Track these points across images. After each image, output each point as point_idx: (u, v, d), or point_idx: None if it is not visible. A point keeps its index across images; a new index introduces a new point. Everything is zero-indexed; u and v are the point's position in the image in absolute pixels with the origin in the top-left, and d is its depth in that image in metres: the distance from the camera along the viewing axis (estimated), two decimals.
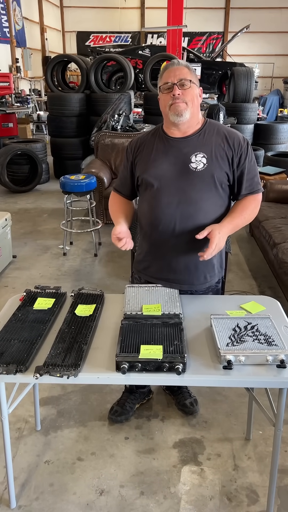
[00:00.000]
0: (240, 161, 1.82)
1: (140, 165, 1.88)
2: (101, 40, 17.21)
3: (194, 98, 1.78)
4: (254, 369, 1.45)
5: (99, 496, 1.85)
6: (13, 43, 12.07)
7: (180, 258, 1.87)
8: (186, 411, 2.27)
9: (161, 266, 1.92)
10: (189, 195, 1.79)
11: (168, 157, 1.82)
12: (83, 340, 1.55)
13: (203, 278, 1.93)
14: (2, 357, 1.47)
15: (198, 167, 1.78)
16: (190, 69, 1.78)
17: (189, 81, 1.75)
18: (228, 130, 1.87)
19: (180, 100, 1.74)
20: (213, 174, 1.79)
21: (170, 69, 1.77)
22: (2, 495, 1.85)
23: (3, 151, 6.32)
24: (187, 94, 1.75)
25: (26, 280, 3.78)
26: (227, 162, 1.80)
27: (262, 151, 6.89)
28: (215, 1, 16.32)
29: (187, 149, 1.80)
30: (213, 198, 1.82)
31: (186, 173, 1.79)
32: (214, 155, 1.79)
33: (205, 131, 1.83)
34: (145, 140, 1.91)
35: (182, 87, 1.74)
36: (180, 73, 1.75)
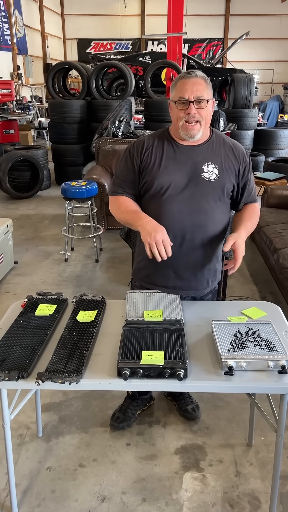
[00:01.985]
0: (245, 173, 1.88)
1: (149, 170, 1.82)
2: (101, 47, 17.31)
3: (208, 116, 1.76)
4: (256, 375, 1.45)
5: (100, 503, 1.85)
6: (14, 51, 12.16)
7: (188, 266, 1.88)
8: (188, 417, 2.27)
9: (167, 273, 1.90)
10: (200, 204, 1.80)
11: (179, 165, 1.80)
12: (84, 346, 1.56)
13: (206, 283, 1.96)
14: (4, 363, 1.47)
15: (211, 178, 1.80)
16: (207, 82, 1.74)
17: (206, 101, 1.71)
18: (232, 142, 1.91)
19: (194, 119, 1.72)
20: (224, 185, 1.81)
21: (187, 81, 1.70)
22: (4, 502, 1.85)
23: (4, 158, 6.35)
24: (202, 112, 1.72)
25: (28, 286, 3.79)
26: (234, 174, 1.84)
27: (263, 157, 6.92)
28: (215, 8, 16.43)
29: (199, 158, 1.80)
30: (221, 208, 1.85)
31: (199, 182, 1.79)
32: (224, 166, 1.82)
33: (213, 141, 1.84)
34: (152, 144, 1.84)
35: (198, 105, 1.70)
36: (197, 90, 1.69)
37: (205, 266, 1.90)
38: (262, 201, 4.79)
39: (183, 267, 1.88)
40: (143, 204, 1.90)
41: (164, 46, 14.99)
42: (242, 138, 7.67)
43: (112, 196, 1.92)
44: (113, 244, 4.64)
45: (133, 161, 1.85)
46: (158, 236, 1.68)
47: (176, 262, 1.86)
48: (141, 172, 1.85)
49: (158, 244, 1.67)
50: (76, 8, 16.68)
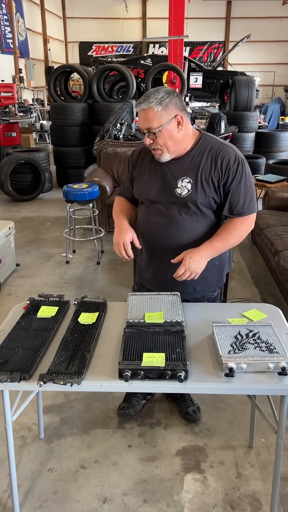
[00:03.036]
0: (227, 183, 1.79)
1: (136, 182, 1.99)
2: (103, 50, 17.36)
3: (167, 141, 1.75)
4: (256, 376, 1.46)
5: (102, 504, 1.85)
6: (16, 54, 12.20)
7: (168, 270, 1.91)
8: (189, 419, 2.28)
9: (154, 274, 2.03)
10: (173, 218, 1.86)
11: (157, 179, 1.89)
12: (86, 348, 1.57)
13: (192, 289, 1.98)
14: (6, 365, 1.48)
15: (182, 193, 1.82)
16: (157, 108, 1.69)
17: (154, 132, 1.72)
18: (221, 148, 1.81)
19: (153, 147, 1.79)
20: (196, 201, 1.82)
21: (139, 111, 1.75)
22: (6, 503, 1.86)
23: (6, 160, 6.38)
24: (158, 141, 1.76)
25: (29, 288, 3.80)
26: (212, 186, 1.80)
27: (264, 159, 6.93)
28: (216, 11, 16.47)
29: (175, 172, 1.84)
30: (197, 221, 1.86)
31: (172, 197, 1.85)
32: (200, 180, 1.80)
33: (196, 151, 1.82)
34: (144, 156, 1.97)
35: (152, 135, 1.75)
36: (146, 120, 1.72)
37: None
38: (263, 203, 4.80)
39: (164, 271, 1.95)
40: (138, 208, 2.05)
41: (166, 49, 15.02)
42: (243, 141, 7.68)
43: (116, 197, 2.16)
44: None
45: (129, 169, 2.04)
46: (119, 239, 1.88)
47: (159, 267, 1.98)
48: (133, 180, 2.03)
49: (118, 246, 1.88)
50: (77, 11, 16.73)
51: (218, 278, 2.05)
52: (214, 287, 2.06)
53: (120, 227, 1.93)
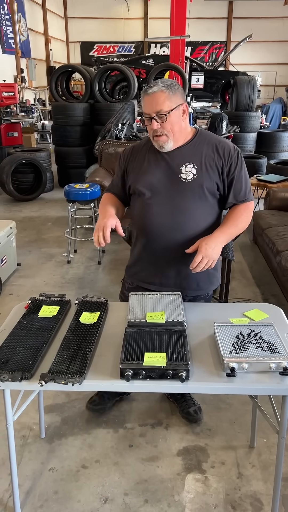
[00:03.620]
0: (230, 171, 1.86)
1: (132, 174, 1.94)
2: (104, 50, 17.37)
3: (174, 125, 1.79)
4: (257, 376, 1.45)
5: (103, 504, 1.85)
6: (18, 54, 12.20)
7: (172, 264, 1.92)
8: (190, 419, 2.27)
9: (153, 271, 1.97)
10: (179, 205, 1.84)
11: (159, 167, 1.87)
12: (87, 348, 1.57)
13: (195, 285, 1.97)
14: (8, 364, 1.48)
15: (188, 178, 1.83)
16: (168, 93, 1.74)
17: (165, 114, 1.74)
18: (219, 140, 1.90)
19: (159, 133, 1.78)
20: (202, 185, 1.83)
21: (147, 96, 1.76)
22: (7, 503, 1.86)
23: (8, 160, 6.38)
24: (166, 126, 1.77)
25: (31, 288, 3.80)
26: (217, 172, 1.84)
27: (265, 159, 6.92)
28: (218, 11, 16.47)
29: (178, 159, 1.84)
30: (203, 207, 1.86)
31: (177, 183, 1.83)
32: (204, 165, 1.83)
33: (196, 142, 1.87)
34: (138, 150, 1.96)
35: (160, 119, 1.76)
36: (157, 104, 1.73)
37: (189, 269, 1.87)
38: (265, 203, 4.80)
39: (167, 265, 1.93)
40: (131, 206, 2.02)
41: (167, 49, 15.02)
42: (245, 141, 7.67)
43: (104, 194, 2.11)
44: (116, 246, 4.65)
45: (120, 165, 2.01)
46: (101, 222, 1.83)
47: (162, 262, 1.93)
48: (126, 176, 1.99)
49: (98, 230, 1.82)
50: (79, 11, 16.74)
51: (218, 276, 2.05)
52: (214, 285, 2.06)
53: (104, 214, 1.89)
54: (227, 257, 3.03)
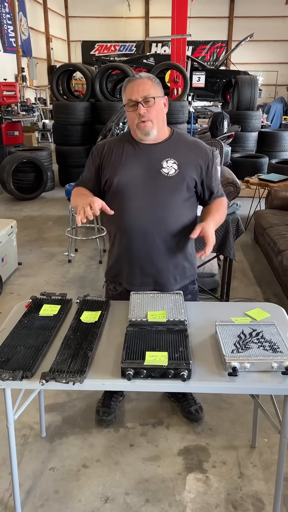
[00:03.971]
0: (208, 170, 1.90)
1: (110, 168, 1.88)
2: (106, 49, 17.36)
3: (159, 113, 1.80)
4: (259, 376, 1.45)
5: (104, 504, 1.85)
6: (19, 53, 12.19)
7: (153, 261, 1.90)
8: (191, 418, 2.27)
9: (133, 270, 1.94)
10: (161, 199, 1.83)
11: (139, 161, 1.85)
12: (88, 347, 1.56)
13: (173, 279, 1.97)
14: (8, 363, 1.48)
15: (170, 172, 1.83)
16: (153, 81, 1.78)
17: (153, 98, 1.75)
18: (195, 140, 1.95)
19: (145, 119, 1.76)
20: (184, 179, 1.84)
21: (133, 83, 1.76)
22: (7, 502, 1.85)
23: (9, 159, 6.37)
24: (152, 111, 1.77)
25: (31, 287, 3.79)
26: (196, 170, 1.87)
27: (266, 159, 6.91)
28: (219, 10, 16.45)
29: (158, 154, 1.84)
30: (183, 202, 1.87)
31: (158, 178, 1.82)
32: (184, 161, 1.84)
33: (174, 139, 1.88)
34: (113, 145, 1.91)
35: (146, 104, 1.75)
36: (144, 89, 1.74)
37: (170, 262, 1.91)
38: (266, 202, 4.79)
39: (149, 264, 1.91)
40: (107, 201, 1.90)
41: (168, 48, 15.02)
42: (246, 140, 7.66)
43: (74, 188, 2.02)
44: None
45: (94, 160, 1.94)
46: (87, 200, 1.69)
47: (141, 258, 1.90)
48: (101, 171, 1.92)
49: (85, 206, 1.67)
50: (80, 10, 16.73)
51: (192, 264, 2.05)
52: (190, 277, 2.05)
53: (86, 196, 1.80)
54: (228, 256, 3.03)
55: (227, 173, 5.01)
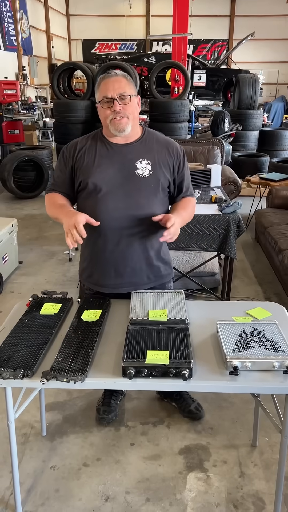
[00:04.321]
0: (179, 169, 1.90)
1: (83, 170, 1.84)
2: (106, 47, 17.34)
3: (134, 111, 1.79)
4: (261, 375, 1.44)
5: (104, 502, 1.85)
6: (20, 51, 12.17)
7: (127, 262, 1.89)
8: (193, 417, 2.27)
9: (107, 272, 1.92)
10: (136, 200, 1.82)
11: (112, 162, 1.83)
12: (89, 345, 1.56)
13: (146, 278, 1.96)
14: (9, 362, 1.48)
15: (144, 174, 1.82)
16: (128, 79, 1.77)
17: (129, 96, 1.74)
18: (166, 138, 1.94)
19: (121, 115, 1.75)
20: (158, 180, 1.84)
21: (108, 80, 1.74)
22: (8, 501, 1.85)
23: (9, 158, 6.37)
24: (128, 108, 1.75)
25: (32, 285, 3.79)
26: (168, 169, 1.87)
27: (267, 158, 6.90)
28: (220, 9, 16.42)
29: (132, 155, 1.83)
30: (158, 203, 1.87)
31: (133, 179, 1.81)
32: (157, 162, 1.84)
33: (146, 138, 1.88)
34: (85, 145, 1.87)
35: (122, 101, 1.74)
36: (119, 87, 1.73)
37: (144, 261, 1.91)
38: (267, 201, 4.79)
39: (123, 264, 1.90)
40: (80, 203, 1.92)
41: (169, 46, 15.00)
42: (247, 139, 7.66)
43: (46, 194, 1.98)
44: None
45: (66, 162, 1.89)
46: (71, 222, 1.68)
47: (116, 259, 1.89)
48: (74, 173, 1.88)
49: (71, 229, 1.66)
50: (81, 8, 16.71)
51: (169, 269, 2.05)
52: (166, 278, 2.05)
53: (69, 213, 1.75)
54: (229, 255, 3.02)
55: (228, 172, 5.01)
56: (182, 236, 2.96)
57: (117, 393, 2.33)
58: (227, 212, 2.99)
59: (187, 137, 7.39)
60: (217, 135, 6.06)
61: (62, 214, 1.79)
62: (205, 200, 3.31)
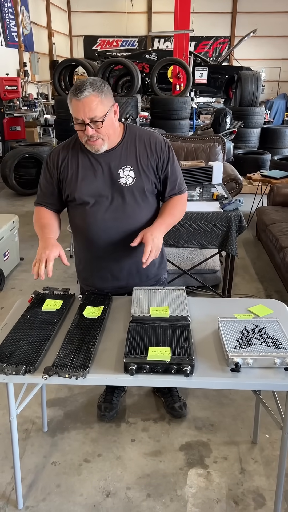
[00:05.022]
0: (163, 165, 1.84)
1: (69, 183, 1.82)
2: (108, 44, 17.29)
3: (109, 128, 1.71)
4: (262, 372, 1.45)
5: (105, 498, 1.85)
6: (21, 48, 12.15)
7: (123, 266, 1.91)
8: (174, 414, 2.28)
9: (103, 276, 1.95)
10: (123, 210, 1.82)
11: (96, 173, 1.80)
12: (91, 342, 1.56)
13: (145, 278, 1.98)
14: (11, 358, 1.48)
15: (127, 182, 1.80)
16: (99, 96, 1.62)
17: (101, 121, 1.64)
18: (148, 134, 1.86)
19: (95, 138, 1.69)
20: (142, 187, 1.82)
21: (78, 102, 1.62)
22: (9, 496, 1.86)
23: (10, 155, 6.36)
24: (101, 131, 1.68)
25: (33, 282, 3.79)
26: (152, 172, 1.83)
27: (269, 155, 6.89)
28: (222, 6, 16.36)
29: (114, 163, 1.79)
30: (145, 208, 1.86)
31: (117, 188, 1.80)
32: (140, 166, 1.80)
33: (127, 141, 1.81)
34: (67, 155, 1.83)
35: (94, 124, 1.65)
36: (90, 110, 1.62)
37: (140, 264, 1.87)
38: (268, 199, 4.78)
39: (118, 268, 1.91)
40: (71, 214, 1.92)
41: (171, 43, 14.95)
42: (249, 136, 7.64)
43: (35, 207, 1.95)
44: None
45: (51, 173, 1.85)
46: (43, 253, 1.68)
47: (111, 265, 1.91)
48: (61, 184, 1.85)
49: (41, 262, 1.66)
50: (82, 5, 16.66)
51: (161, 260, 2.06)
52: (162, 273, 2.07)
53: (46, 242, 1.75)
54: (230, 252, 3.02)
55: (230, 169, 5.01)
56: (183, 233, 2.96)
57: (119, 390, 2.34)
58: (228, 209, 2.99)
59: (188, 134, 7.38)
60: (219, 133, 6.05)
61: (40, 238, 1.79)
62: (207, 197, 3.31)
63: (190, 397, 2.41)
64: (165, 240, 3.00)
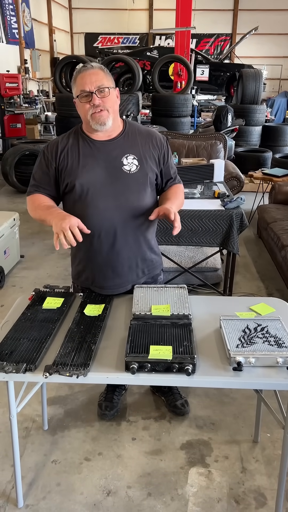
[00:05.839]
0: (165, 159, 1.89)
1: (68, 171, 1.78)
2: (109, 41, 17.23)
3: (114, 104, 1.75)
4: (264, 371, 1.44)
5: (106, 497, 1.85)
6: (22, 44, 12.11)
7: (124, 260, 1.88)
8: (177, 412, 2.27)
9: (106, 273, 1.88)
10: (126, 197, 1.79)
11: (98, 161, 1.78)
12: (92, 340, 1.55)
13: (141, 273, 1.96)
14: (12, 356, 1.47)
15: (131, 169, 1.79)
16: (105, 72, 1.73)
17: (107, 88, 1.70)
18: (147, 129, 1.92)
19: (101, 108, 1.70)
20: (147, 175, 1.82)
21: (85, 73, 1.69)
22: (9, 494, 1.85)
23: (11, 152, 6.35)
24: (107, 101, 1.71)
25: (34, 280, 3.79)
26: (154, 162, 1.85)
27: (270, 153, 6.87)
28: (224, 3, 16.29)
29: (116, 151, 1.79)
30: (147, 197, 1.85)
31: (120, 176, 1.78)
32: (143, 155, 1.81)
33: (128, 132, 1.84)
34: (67, 144, 1.81)
35: (101, 94, 1.69)
36: (97, 79, 1.68)
37: (139, 256, 1.90)
38: (270, 197, 4.77)
39: (120, 264, 1.88)
40: (68, 206, 1.85)
41: (172, 41, 14.89)
42: (250, 134, 7.62)
43: (28, 197, 1.87)
44: None
45: (48, 163, 1.81)
46: (64, 223, 1.58)
47: (113, 259, 1.86)
48: (59, 174, 1.81)
49: (65, 230, 1.57)
50: (83, 2, 16.59)
51: (159, 260, 2.06)
52: (158, 268, 2.05)
53: (60, 215, 1.66)
54: (231, 250, 3.01)
55: (231, 167, 4.99)
56: (184, 231, 2.94)
57: (120, 388, 2.33)
58: (230, 207, 2.98)
59: (189, 132, 7.36)
60: (220, 130, 6.03)
61: (51, 216, 1.69)
62: (208, 195, 3.29)
63: (191, 396, 2.40)
64: (166, 237, 3.00)
